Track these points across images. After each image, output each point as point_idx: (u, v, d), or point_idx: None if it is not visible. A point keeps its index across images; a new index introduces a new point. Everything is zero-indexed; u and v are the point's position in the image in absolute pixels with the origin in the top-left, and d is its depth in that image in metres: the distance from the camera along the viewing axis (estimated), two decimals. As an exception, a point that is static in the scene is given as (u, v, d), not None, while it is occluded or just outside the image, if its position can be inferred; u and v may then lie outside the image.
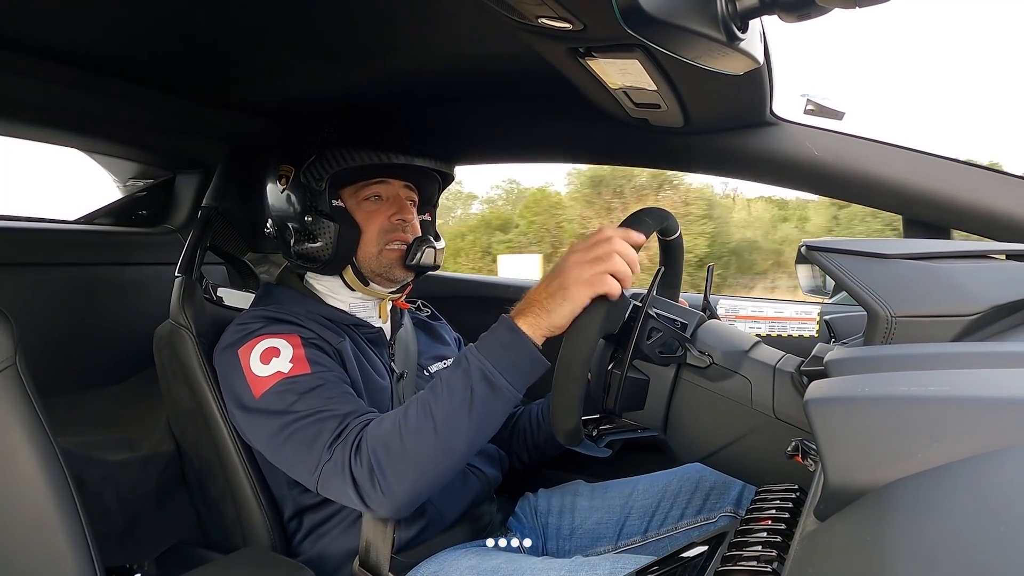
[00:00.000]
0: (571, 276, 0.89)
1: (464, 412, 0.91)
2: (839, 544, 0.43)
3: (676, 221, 1.03)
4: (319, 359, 1.06)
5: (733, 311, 1.57)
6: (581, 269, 0.88)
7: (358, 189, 1.18)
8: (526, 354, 0.92)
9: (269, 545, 1.15)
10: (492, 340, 0.94)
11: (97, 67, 1.14)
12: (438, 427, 0.91)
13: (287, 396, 1.01)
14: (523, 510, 1.29)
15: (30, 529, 0.84)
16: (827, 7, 0.60)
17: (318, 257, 1.16)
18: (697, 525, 1.16)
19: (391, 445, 0.93)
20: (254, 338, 1.07)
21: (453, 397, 0.92)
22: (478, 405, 0.91)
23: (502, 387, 0.92)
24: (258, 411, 1.04)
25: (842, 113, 1.17)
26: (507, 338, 0.92)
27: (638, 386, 0.91)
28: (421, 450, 0.92)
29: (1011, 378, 0.50)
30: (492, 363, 0.92)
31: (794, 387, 0.85)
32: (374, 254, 1.18)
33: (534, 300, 0.92)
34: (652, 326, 0.91)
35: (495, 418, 0.95)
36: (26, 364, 0.89)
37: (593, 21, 0.71)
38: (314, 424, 0.98)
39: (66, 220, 1.65)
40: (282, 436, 1.01)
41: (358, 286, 1.20)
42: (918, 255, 0.74)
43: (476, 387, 0.91)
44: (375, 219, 1.18)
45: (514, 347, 0.92)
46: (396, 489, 0.93)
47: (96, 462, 1.21)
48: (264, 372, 1.03)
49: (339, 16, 0.98)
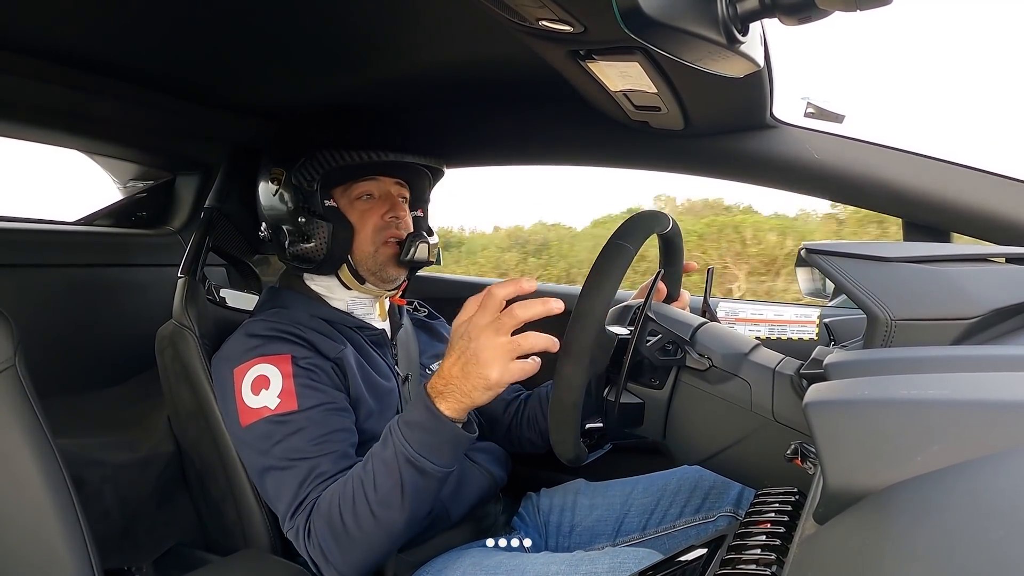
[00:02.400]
0: (493, 366, 0.87)
1: (396, 494, 0.93)
2: (838, 547, 0.43)
3: (666, 218, 1.01)
4: (308, 389, 1.06)
5: (733, 314, 1.57)
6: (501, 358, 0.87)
7: (348, 188, 1.19)
8: (448, 435, 0.92)
9: (269, 546, 1.15)
10: (413, 422, 0.93)
11: (97, 68, 1.14)
12: (374, 509, 0.94)
13: (270, 437, 1.04)
14: (525, 509, 1.30)
15: (29, 530, 0.84)
16: (828, 10, 0.60)
17: (312, 257, 1.16)
18: (696, 524, 1.17)
19: (335, 529, 0.96)
20: (250, 359, 1.09)
21: (385, 479, 0.94)
22: (409, 488, 0.93)
23: (428, 469, 0.93)
24: (244, 441, 1.09)
25: (842, 116, 1.17)
26: (428, 422, 0.92)
27: (634, 409, 0.92)
28: (363, 531, 0.95)
29: (1011, 382, 0.50)
30: (415, 448, 0.92)
31: (793, 390, 0.84)
32: (370, 252, 1.19)
33: (452, 381, 0.90)
34: (652, 328, 0.91)
35: (428, 494, 0.96)
36: (25, 365, 0.89)
37: (593, 24, 0.71)
38: (284, 476, 1.02)
39: (66, 221, 1.65)
40: (262, 475, 1.06)
41: (354, 285, 1.21)
42: (918, 258, 0.74)
43: (403, 471, 0.93)
44: (369, 217, 1.19)
45: (436, 431, 0.92)
46: (344, 566, 0.97)
47: (95, 463, 1.21)
48: (253, 403, 1.06)
49: (340, 18, 0.98)
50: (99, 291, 1.49)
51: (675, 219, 1.04)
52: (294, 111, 1.40)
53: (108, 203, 1.71)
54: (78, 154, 1.63)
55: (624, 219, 0.94)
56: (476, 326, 0.88)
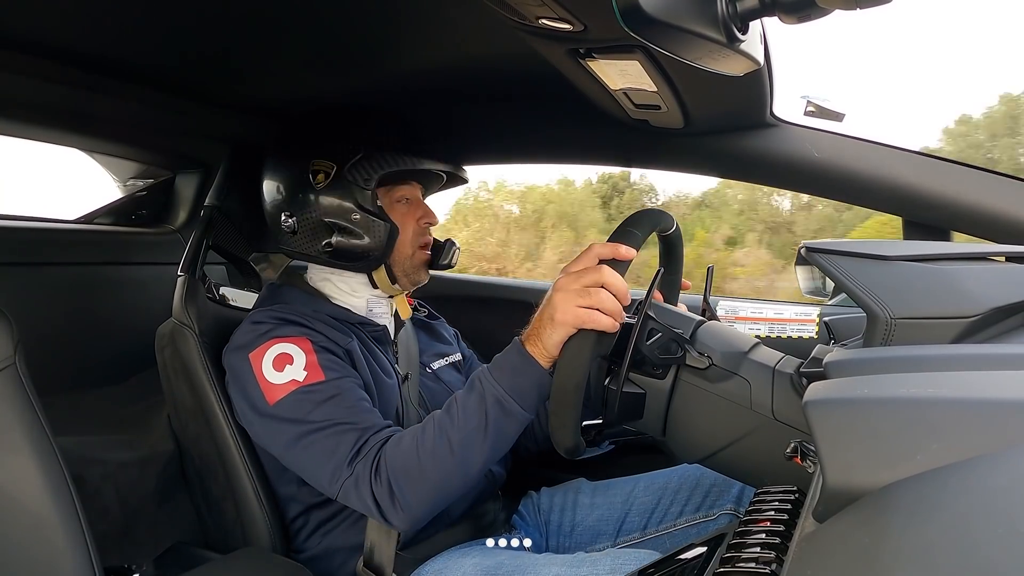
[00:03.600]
0: (559, 307, 0.89)
1: (480, 435, 0.95)
2: (838, 546, 0.43)
3: (670, 218, 1.02)
4: (332, 364, 1.07)
5: (733, 312, 1.57)
6: (568, 301, 0.88)
7: (390, 191, 1.20)
8: (536, 378, 0.94)
9: (269, 544, 1.15)
10: (504, 365, 0.96)
11: (98, 67, 1.14)
12: (455, 449, 0.95)
13: (304, 405, 1.02)
14: (526, 508, 1.30)
15: (29, 529, 0.84)
16: (827, 8, 0.60)
17: (362, 255, 1.16)
18: (696, 522, 1.17)
19: (410, 467, 0.96)
20: (265, 342, 1.08)
21: (469, 421, 0.95)
22: (492, 428, 0.95)
23: (514, 411, 0.95)
24: (273, 417, 1.04)
25: (842, 115, 1.17)
26: (518, 363, 0.94)
27: (635, 399, 0.92)
28: (439, 471, 0.95)
29: (1011, 380, 0.50)
30: (505, 388, 0.94)
31: (793, 388, 0.84)
32: (408, 255, 1.21)
33: (535, 325, 0.94)
34: (651, 327, 0.91)
35: (508, 438, 0.98)
36: (26, 363, 0.89)
37: (593, 22, 0.71)
38: (333, 436, 1.00)
39: (66, 220, 1.65)
40: (300, 444, 1.02)
41: (384, 284, 1.21)
42: (918, 257, 0.74)
43: (490, 412, 0.95)
44: (408, 221, 1.21)
45: (524, 372, 0.94)
46: (415, 508, 0.97)
47: (95, 462, 1.21)
48: (278, 379, 1.04)
49: (341, 17, 0.98)
50: (100, 289, 1.49)
51: (678, 224, 1.04)
52: (295, 109, 1.40)
53: (108, 201, 1.71)
54: (78, 152, 1.63)
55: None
56: (565, 272, 0.92)
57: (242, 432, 1.16)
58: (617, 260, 0.89)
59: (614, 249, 0.90)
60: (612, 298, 0.88)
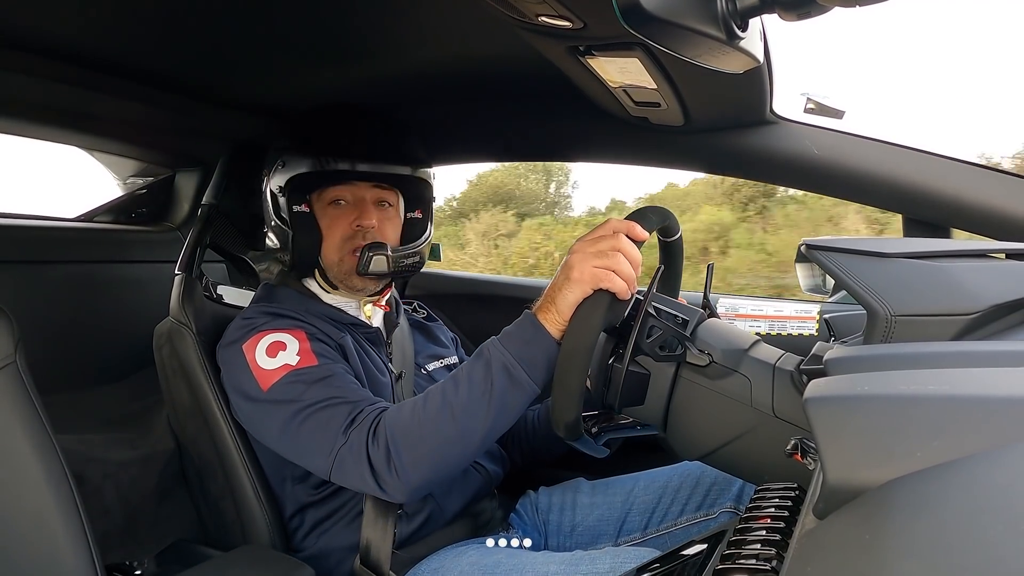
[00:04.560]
0: (576, 267, 0.89)
1: (484, 402, 0.92)
2: (838, 542, 0.43)
3: (677, 222, 1.03)
4: (325, 352, 1.07)
5: (733, 310, 1.57)
6: (586, 261, 0.88)
7: (322, 193, 1.17)
8: (546, 348, 0.92)
9: (269, 542, 1.15)
10: (515, 333, 0.94)
11: (98, 65, 1.14)
12: (456, 415, 0.93)
13: (296, 386, 1.02)
14: (524, 507, 1.29)
15: (30, 527, 0.84)
16: (827, 6, 0.60)
17: (280, 260, 1.19)
18: (697, 521, 1.16)
19: (409, 430, 0.94)
20: (258, 333, 1.08)
21: (473, 387, 0.93)
22: (497, 396, 0.92)
23: (522, 380, 0.92)
24: (267, 402, 1.04)
25: (842, 112, 1.17)
26: (529, 333, 0.93)
27: (639, 380, 0.91)
28: (439, 436, 0.93)
29: (1011, 377, 0.50)
30: (513, 356, 0.93)
31: (793, 386, 0.84)
32: (335, 261, 1.18)
33: (547, 294, 0.93)
34: (652, 324, 0.91)
35: (513, 410, 0.95)
36: (26, 361, 0.89)
37: (593, 19, 0.71)
38: (326, 410, 0.99)
39: (66, 218, 1.65)
40: (294, 424, 1.01)
41: (329, 290, 1.22)
42: (918, 254, 0.74)
43: (496, 378, 0.92)
44: (337, 225, 1.17)
45: (535, 341, 0.93)
46: (412, 473, 0.94)
47: (96, 460, 1.21)
48: (271, 365, 1.04)
49: (339, 15, 0.98)
50: (100, 287, 1.49)
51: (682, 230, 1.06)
52: (295, 107, 1.40)
53: (108, 199, 1.71)
54: (78, 150, 1.63)
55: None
56: (581, 242, 0.91)
57: (240, 431, 1.16)
58: (631, 237, 0.91)
59: (630, 226, 0.91)
60: (628, 264, 0.88)
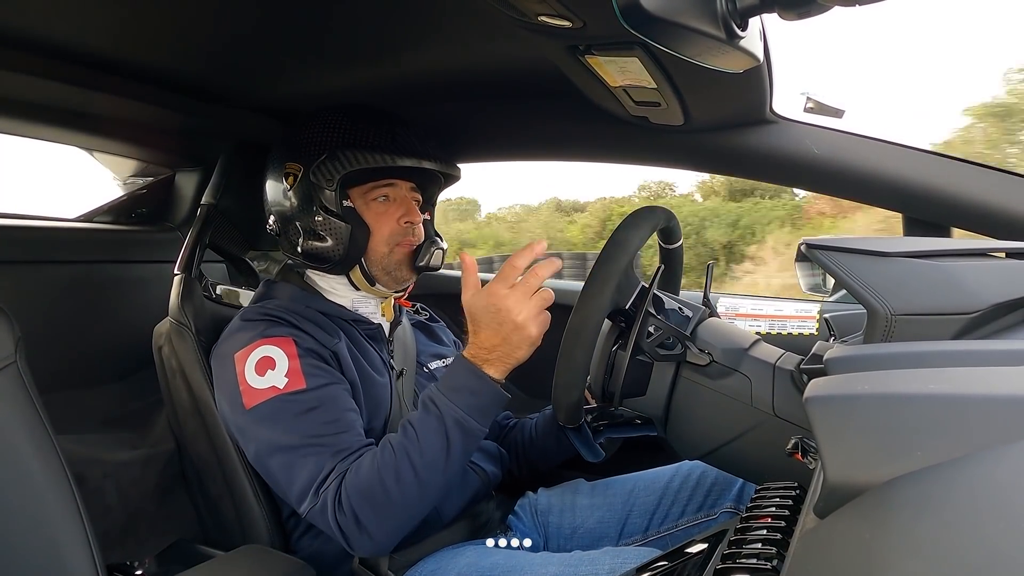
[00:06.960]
0: (521, 320, 0.96)
1: (442, 456, 0.98)
2: (839, 542, 0.43)
3: (679, 226, 1.03)
4: (315, 370, 1.06)
5: (733, 309, 1.57)
6: (526, 310, 0.96)
7: (367, 190, 1.18)
8: (494, 396, 1.00)
9: (268, 542, 1.15)
10: (461, 386, 0.99)
11: (98, 65, 1.14)
12: (419, 473, 0.97)
13: (280, 416, 1.02)
14: (523, 509, 1.28)
15: (31, 527, 0.84)
16: (827, 5, 0.60)
17: (328, 257, 1.15)
18: (698, 522, 1.16)
19: (374, 495, 0.96)
20: (250, 344, 1.07)
21: (431, 444, 0.98)
22: (455, 449, 0.98)
23: (474, 429, 0.99)
24: (249, 421, 1.05)
25: (842, 111, 1.17)
26: (477, 385, 0.99)
27: (642, 369, 0.92)
28: (404, 496, 0.97)
29: (1011, 376, 0.50)
30: (464, 410, 0.98)
31: (794, 385, 0.85)
32: (384, 254, 1.18)
33: (492, 349, 0.98)
34: (652, 324, 0.91)
35: (468, 455, 1.02)
36: (27, 362, 0.89)
37: (593, 19, 0.71)
38: (302, 456, 1.00)
39: (67, 218, 1.65)
40: (272, 458, 1.03)
41: (364, 286, 1.20)
42: (918, 253, 0.74)
43: (451, 433, 0.98)
44: (385, 221, 1.18)
45: (483, 391, 0.99)
46: (381, 534, 0.98)
47: (97, 460, 1.21)
48: (259, 384, 1.04)
49: (341, 16, 0.98)
50: (100, 287, 1.49)
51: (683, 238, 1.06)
52: (295, 107, 1.40)
53: (108, 199, 1.71)
54: (78, 150, 1.63)
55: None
56: (500, 295, 0.96)
57: None
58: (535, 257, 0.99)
59: (530, 251, 0.99)
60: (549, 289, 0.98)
